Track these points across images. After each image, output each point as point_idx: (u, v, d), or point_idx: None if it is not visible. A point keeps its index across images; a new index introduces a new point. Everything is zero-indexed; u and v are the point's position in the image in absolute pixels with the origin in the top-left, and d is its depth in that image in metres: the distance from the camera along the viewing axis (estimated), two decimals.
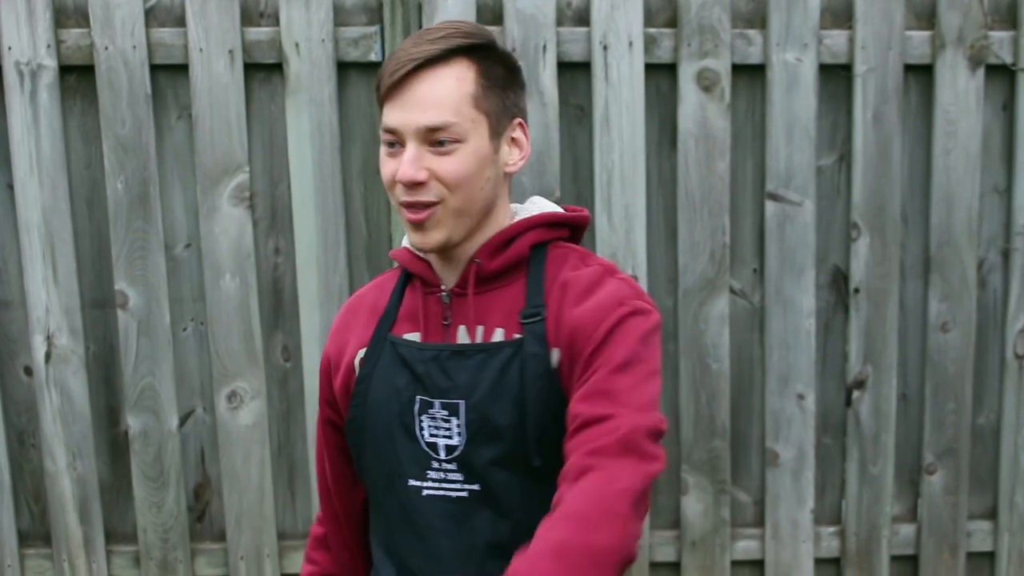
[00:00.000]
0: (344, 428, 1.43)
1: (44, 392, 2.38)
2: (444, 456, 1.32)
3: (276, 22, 2.31)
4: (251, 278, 2.35)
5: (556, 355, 1.29)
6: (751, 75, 2.37)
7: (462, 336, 1.33)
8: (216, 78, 2.29)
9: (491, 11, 2.32)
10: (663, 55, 2.33)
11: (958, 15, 2.33)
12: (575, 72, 2.34)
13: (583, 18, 2.32)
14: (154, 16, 2.30)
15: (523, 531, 1.30)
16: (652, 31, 2.32)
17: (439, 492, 1.33)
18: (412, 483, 1.34)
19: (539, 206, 1.40)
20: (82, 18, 2.29)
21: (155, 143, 2.32)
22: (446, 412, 1.31)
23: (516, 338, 1.30)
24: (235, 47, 2.28)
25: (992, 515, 2.56)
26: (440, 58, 1.27)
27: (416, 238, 1.31)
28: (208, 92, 2.29)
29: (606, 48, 2.30)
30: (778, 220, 2.38)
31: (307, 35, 2.28)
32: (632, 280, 1.35)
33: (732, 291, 2.42)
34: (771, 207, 2.38)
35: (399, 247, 1.44)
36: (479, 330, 1.33)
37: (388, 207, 2.35)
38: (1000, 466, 2.53)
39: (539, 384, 1.28)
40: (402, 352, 1.35)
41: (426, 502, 1.34)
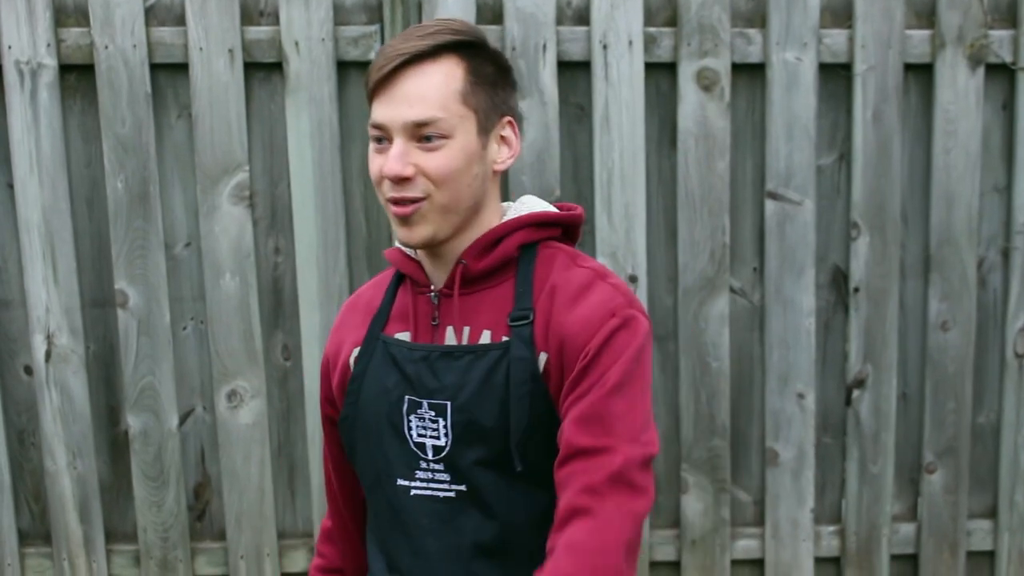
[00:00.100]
0: (338, 426, 1.43)
1: (44, 391, 2.38)
2: (431, 456, 1.32)
3: (276, 21, 2.31)
4: (251, 277, 2.35)
5: (544, 359, 1.28)
6: (751, 74, 2.37)
7: (450, 337, 1.33)
8: (216, 77, 2.29)
9: (491, 10, 2.32)
10: (663, 54, 2.33)
11: (958, 14, 2.33)
12: (575, 71, 2.34)
13: (583, 17, 2.33)
14: (154, 15, 2.30)
15: (510, 532, 1.31)
16: (652, 30, 2.32)
17: (427, 492, 1.33)
18: (401, 483, 1.34)
19: (528, 205, 1.39)
20: (82, 17, 2.29)
21: (155, 142, 2.32)
22: (433, 413, 1.31)
23: (504, 341, 1.29)
24: (235, 46, 2.28)
25: (992, 514, 2.56)
26: (428, 54, 1.27)
27: (402, 234, 1.31)
28: (208, 91, 2.29)
29: (606, 47, 2.30)
30: (778, 219, 2.38)
31: (307, 34, 2.28)
32: (622, 284, 1.34)
33: (732, 290, 2.42)
34: (771, 206, 2.38)
35: (393, 247, 1.44)
36: (465, 331, 1.32)
37: None
38: (1000, 465, 2.53)
39: (525, 387, 1.27)
40: (393, 352, 1.35)
41: (414, 501, 1.34)
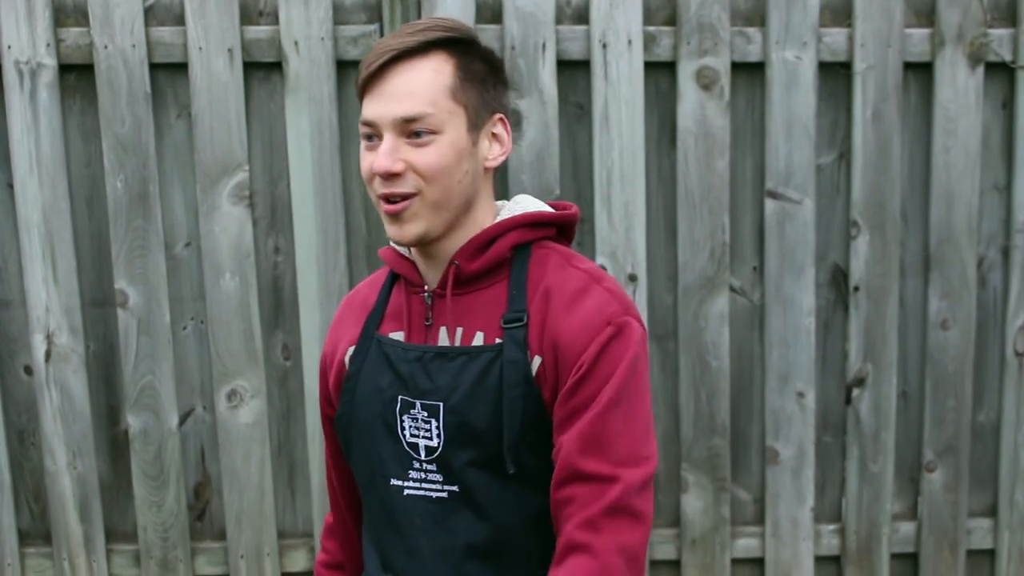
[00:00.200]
0: (334, 424, 1.43)
1: (44, 391, 2.38)
2: (424, 457, 1.32)
3: (275, 20, 2.31)
4: (251, 277, 2.35)
5: (537, 363, 1.28)
6: (750, 73, 2.37)
7: (443, 337, 1.33)
8: (215, 77, 2.29)
9: (490, 9, 2.32)
10: (662, 53, 2.33)
11: (958, 12, 2.33)
12: (574, 70, 2.34)
13: (582, 16, 2.32)
14: (153, 15, 2.30)
15: (502, 533, 1.31)
16: (651, 29, 2.32)
17: (419, 492, 1.33)
18: (394, 482, 1.35)
19: (522, 205, 1.39)
20: (81, 17, 2.29)
21: (155, 142, 2.32)
22: (426, 413, 1.31)
23: (497, 343, 1.29)
24: (234, 46, 2.28)
25: (992, 513, 2.56)
26: (417, 50, 1.27)
27: (393, 231, 1.30)
28: (207, 91, 2.29)
29: (605, 46, 2.30)
30: (778, 218, 2.38)
31: (306, 33, 2.28)
32: (617, 287, 1.33)
33: (732, 289, 2.42)
34: (771, 205, 2.38)
35: (388, 245, 1.44)
36: (458, 332, 1.32)
37: None
38: (1000, 464, 2.53)
39: (518, 390, 1.27)
40: (387, 351, 1.35)
41: (407, 501, 1.34)
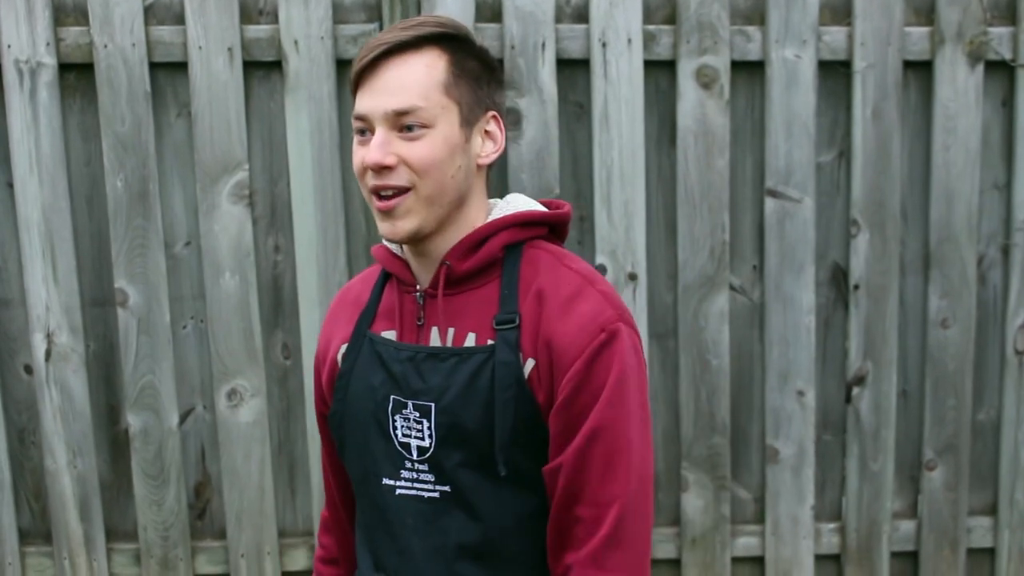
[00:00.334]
0: (328, 421, 1.43)
1: (44, 390, 2.38)
2: (416, 456, 1.32)
3: (275, 20, 2.31)
4: (251, 276, 2.35)
5: (530, 365, 1.28)
6: (750, 72, 2.37)
7: (435, 338, 1.33)
8: (215, 76, 2.29)
9: (490, 8, 2.32)
10: (662, 52, 2.33)
11: (957, 11, 2.33)
12: (574, 69, 2.34)
13: (582, 15, 2.32)
14: (153, 14, 2.30)
15: (494, 534, 1.31)
16: (651, 28, 2.32)
17: (411, 492, 1.33)
18: (386, 482, 1.35)
19: (514, 205, 1.38)
20: (81, 16, 2.29)
21: (154, 141, 2.32)
22: (418, 413, 1.31)
23: (489, 344, 1.29)
24: (234, 45, 2.28)
25: (992, 511, 2.56)
26: (410, 45, 1.27)
27: (385, 228, 1.30)
28: (207, 90, 2.29)
29: (605, 45, 2.30)
30: (778, 217, 2.38)
31: (306, 32, 2.28)
32: (611, 290, 1.33)
33: (732, 288, 2.42)
34: (771, 204, 2.38)
35: (380, 243, 1.43)
36: (450, 333, 1.32)
37: None
38: (1000, 462, 2.53)
39: (510, 392, 1.27)
40: (379, 350, 1.35)
41: (399, 501, 1.34)
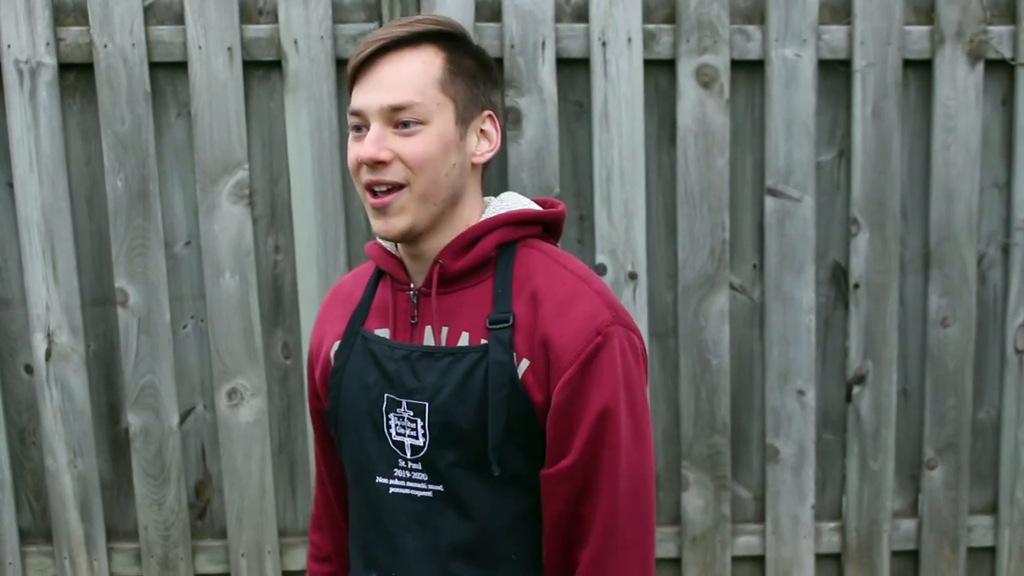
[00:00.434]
0: (326, 418, 1.43)
1: (45, 390, 2.38)
2: (410, 455, 1.32)
3: (275, 19, 2.31)
4: (251, 275, 2.36)
5: (525, 365, 1.27)
6: (750, 71, 2.37)
7: (428, 336, 1.33)
8: (215, 75, 2.29)
9: (490, 7, 2.32)
10: (662, 51, 2.33)
11: (957, 9, 2.33)
12: (574, 68, 2.34)
13: (582, 14, 2.32)
14: (153, 14, 2.30)
15: (488, 534, 1.31)
16: (651, 27, 2.32)
17: (404, 491, 1.33)
18: (380, 480, 1.35)
19: (508, 203, 1.38)
20: (81, 16, 2.29)
21: (154, 141, 2.32)
22: (412, 412, 1.31)
23: (482, 343, 1.29)
24: (234, 44, 2.28)
25: (993, 510, 2.56)
26: (408, 41, 1.28)
27: (379, 225, 1.30)
28: (207, 89, 2.29)
29: (605, 44, 2.30)
30: (778, 216, 2.38)
31: (306, 32, 2.28)
32: (606, 290, 1.33)
33: (732, 287, 2.42)
34: (771, 203, 2.38)
35: (373, 240, 1.43)
36: (444, 332, 1.31)
37: None
38: (1000, 461, 2.53)
39: (503, 392, 1.26)
40: (373, 348, 1.35)
41: (392, 500, 1.34)
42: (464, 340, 1.30)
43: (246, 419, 2.40)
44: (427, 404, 1.29)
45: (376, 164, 1.26)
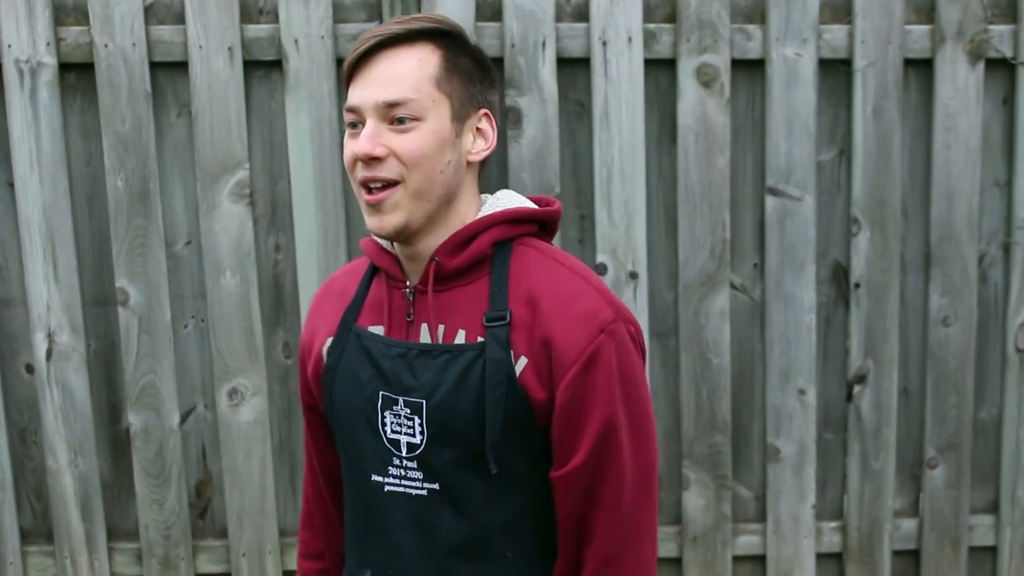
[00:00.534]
0: (326, 413, 1.43)
1: (45, 389, 2.38)
2: (406, 453, 1.32)
3: (275, 19, 2.31)
4: (252, 275, 2.36)
5: (523, 363, 1.27)
6: (751, 70, 2.36)
7: (424, 334, 1.32)
8: (216, 75, 2.29)
9: (490, 7, 2.32)
10: (662, 50, 2.33)
11: (958, 9, 2.33)
12: (575, 68, 2.34)
13: (582, 14, 2.32)
14: (153, 13, 2.30)
15: (484, 532, 1.31)
16: (651, 27, 2.32)
17: (399, 489, 1.33)
18: (375, 478, 1.34)
19: (503, 201, 1.38)
20: (81, 16, 2.29)
21: (155, 140, 2.32)
22: (409, 410, 1.30)
23: (479, 341, 1.28)
24: (234, 44, 2.28)
25: (994, 509, 2.55)
26: (404, 38, 1.28)
27: (373, 222, 1.29)
28: (208, 89, 2.29)
29: (605, 44, 2.30)
30: (778, 215, 2.38)
31: (306, 32, 2.28)
32: (604, 286, 1.33)
33: (733, 286, 2.42)
34: (771, 202, 2.38)
35: (368, 237, 1.42)
36: (440, 329, 1.31)
37: None
38: (1002, 460, 2.52)
39: (500, 389, 1.26)
40: (368, 345, 1.34)
41: (388, 498, 1.34)
42: (461, 338, 1.30)
43: (247, 419, 2.40)
44: (425, 402, 1.29)
45: (371, 160, 1.26)
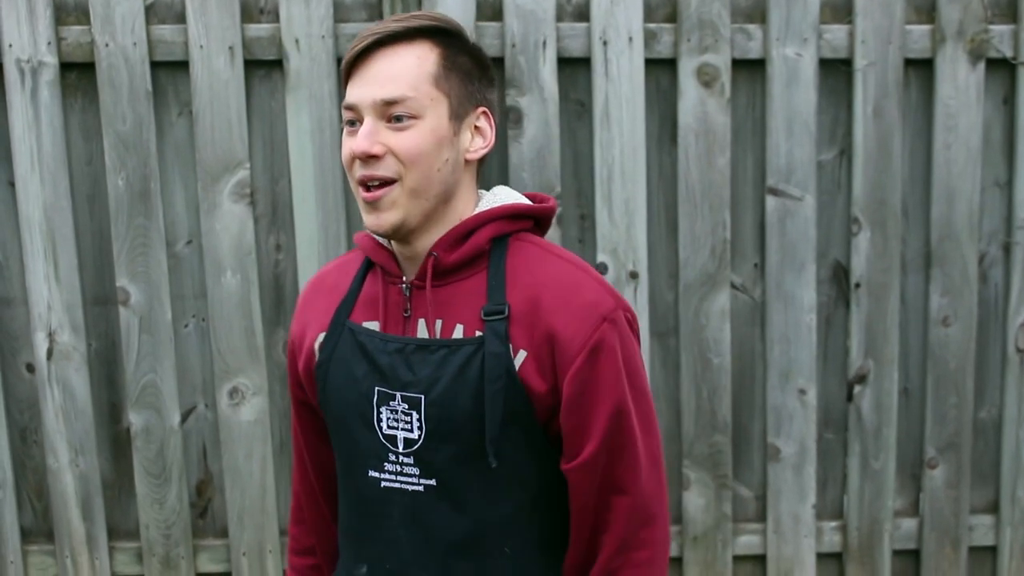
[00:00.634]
0: (320, 408, 1.43)
1: (46, 389, 2.38)
2: (402, 449, 1.32)
3: (276, 18, 2.31)
4: (252, 274, 2.36)
5: (522, 357, 1.28)
6: (751, 70, 2.37)
7: (421, 329, 1.32)
8: (216, 75, 2.29)
9: (491, 7, 2.32)
10: (663, 50, 2.33)
11: (958, 8, 2.33)
12: (575, 68, 2.34)
13: (583, 14, 2.33)
14: (154, 13, 2.30)
15: (483, 528, 1.31)
16: (652, 26, 2.32)
17: (395, 485, 1.33)
18: (372, 474, 1.34)
19: (500, 197, 1.38)
20: (82, 15, 2.29)
21: (156, 140, 2.32)
22: (407, 406, 1.30)
23: (478, 335, 1.29)
24: (235, 44, 2.29)
25: (994, 509, 2.56)
26: (402, 36, 1.28)
27: (371, 220, 1.29)
28: (208, 89, 2.29)
29: (606, 44, 2.30)
30: (779, 215, 2.38)
31: (307, 31, 2.29)
32: (601, 277, 1.34)
33: (733, 286, 2.42)
34: (772, 202, 2.38)
35: (363, 231, 1.42)
36: (438, 324, 1.31)
37: None
38: (1002, 460, 2.53)
39: (499, 383, 1.26)
40: (363, 341, 1.34)
41: (384, 494, 1.34)
42: (459, 333, 1.30)
43: (247, 418, 2.40)
44: (423, 397, 1.29)
45: (369, 158, 1.26)
